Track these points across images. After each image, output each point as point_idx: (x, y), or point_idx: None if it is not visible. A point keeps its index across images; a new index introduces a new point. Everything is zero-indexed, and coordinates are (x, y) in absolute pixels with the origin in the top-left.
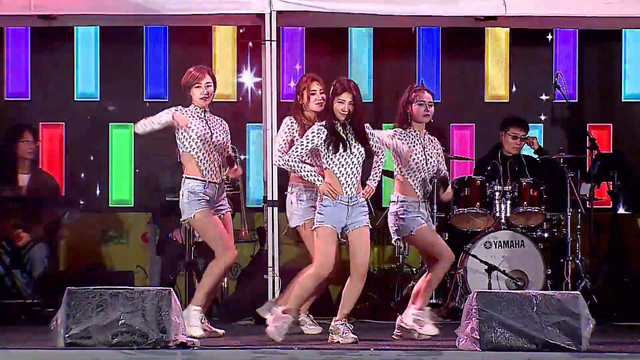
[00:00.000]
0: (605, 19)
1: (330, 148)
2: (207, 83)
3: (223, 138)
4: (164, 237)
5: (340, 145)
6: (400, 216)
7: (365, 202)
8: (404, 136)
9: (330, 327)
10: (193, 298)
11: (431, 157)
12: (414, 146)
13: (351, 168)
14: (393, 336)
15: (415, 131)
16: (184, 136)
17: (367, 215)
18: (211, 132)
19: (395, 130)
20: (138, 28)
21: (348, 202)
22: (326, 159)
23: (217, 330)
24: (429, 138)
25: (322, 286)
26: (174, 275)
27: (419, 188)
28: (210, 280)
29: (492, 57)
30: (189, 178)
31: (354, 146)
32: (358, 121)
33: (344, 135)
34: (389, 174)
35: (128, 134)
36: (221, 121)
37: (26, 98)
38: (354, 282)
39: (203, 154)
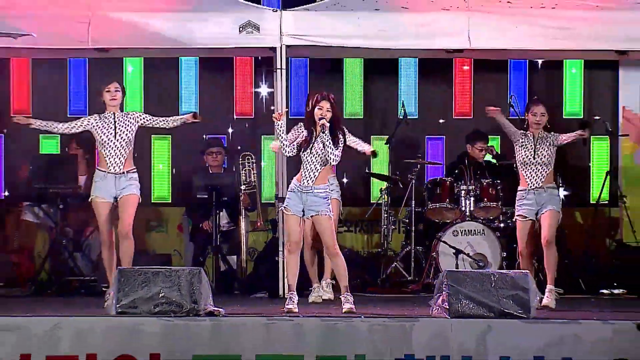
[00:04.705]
0: (550, 51)
1: (300, 146)
2: (115, 88)
3: (127, 134)
4: (196, 227)
5: (304, 146)
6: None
7: (326, 194)
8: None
9: (341, 298)
10: None
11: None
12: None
13: (310, 165)
14: None
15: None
16: (96, 139)
17: (327, 206)
18: (115, 132)
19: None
20: (174, 58)
21: (302, 190)
22: (300, 153)
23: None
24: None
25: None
26: (203, 257)
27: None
28: None
29: (459, 82)
30: (96, 169)
31: (314, 149)
32: (335, 124)
33: (312, 138)
34: (377, 176)
35: (167, 144)
36: (128, 117)
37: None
38: (332, 259)
39: (108, 150)
